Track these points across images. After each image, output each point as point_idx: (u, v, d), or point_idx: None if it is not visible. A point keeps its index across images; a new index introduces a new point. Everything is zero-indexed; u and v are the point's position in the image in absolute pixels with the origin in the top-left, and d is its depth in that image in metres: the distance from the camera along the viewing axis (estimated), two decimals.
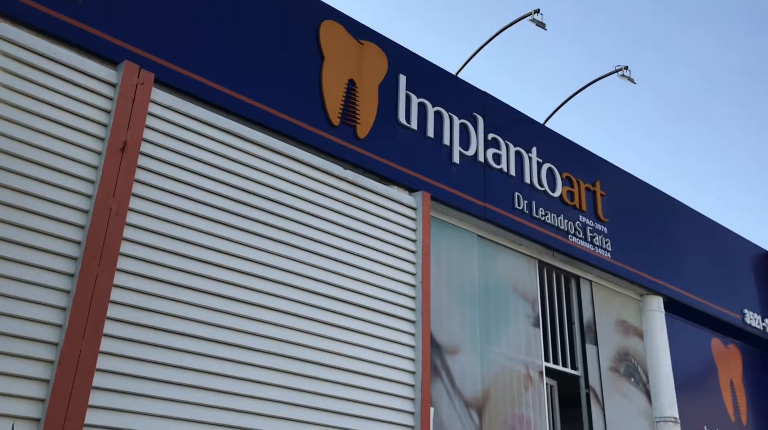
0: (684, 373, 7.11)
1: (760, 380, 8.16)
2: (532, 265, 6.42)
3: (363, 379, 4.50)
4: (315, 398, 4.18)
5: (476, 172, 6.02)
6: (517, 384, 5.82)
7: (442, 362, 5.34)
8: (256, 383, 3.90)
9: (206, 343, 3.75)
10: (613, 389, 6.50)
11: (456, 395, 5.32)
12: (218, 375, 3.73)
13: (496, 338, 5.83)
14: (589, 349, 6.53)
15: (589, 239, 6.69)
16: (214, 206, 4.09)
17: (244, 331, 3.95)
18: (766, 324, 8.34)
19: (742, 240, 8.74)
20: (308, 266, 4.47)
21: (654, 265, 7.24)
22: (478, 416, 5.40)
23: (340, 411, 4.28)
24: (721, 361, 7.75)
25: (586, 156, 7.16)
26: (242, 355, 3.90)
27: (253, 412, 3.82)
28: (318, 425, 4.10)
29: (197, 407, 3.57)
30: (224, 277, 3.98)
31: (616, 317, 6.92)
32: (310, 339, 4.29)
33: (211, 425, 3.60)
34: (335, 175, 4.88)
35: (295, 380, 4.11)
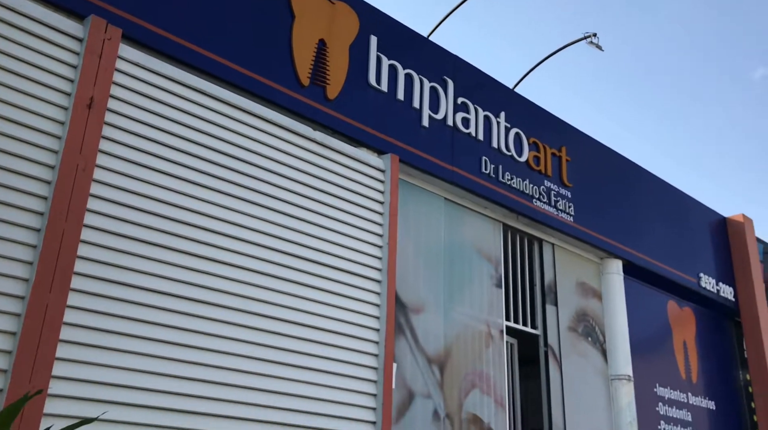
0: (640, 333, 7.39)
1: (711, 341, 8.52)
2: (496, 228, 6.57)
3: (329, 335, 4.62)
4: (280, 353, 4.29)
5: (445, 136, 6.10)
6: (479, 342, 6.02)
7: (406, 321, 5.50)
8: (222, 339, 4.00)
9: (173, 299, 3.82)
10: (571, 348, 6.75)
11: (419, 352, 5.50)
12: (185, 330, 3.81)
13: (460, 298, 6.00)
14: (549, 309, 6.75)
15: (553, 204, 6.85)
16: (181, 164, 4.12)
17: (211, 288, 4.03)
18: (720, 288, 8.67)
19: (701, 206, 9.01)
20: (275, 225, 4.54)
21: (615, 229, 7.46)
22: (440, 371, 5.59)
23: (306, 366, 4.41)
24: (676, 322, 8.07)
25: (553, 122, 7.27)
26: (209, 311, 3.98)
27: (218, 366, 3.92)
28: (282, 379, 4.23)
29: (163, 360, 3.67)
30: (191, 234, 4.04)
31: (576, 279, 7.15)
32: (276, 296, 4.39)
33: (176, 378, 3.70)
34: (304, 135, 4.92)
35: (260, 336, 4.22)
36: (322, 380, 4.48)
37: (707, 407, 7.99)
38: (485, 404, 5.86)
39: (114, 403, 3.39)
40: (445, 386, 5.58)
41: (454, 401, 5.60)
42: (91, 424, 3.16)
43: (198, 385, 3.77)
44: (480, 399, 5.82)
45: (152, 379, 3.57)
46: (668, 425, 7.37)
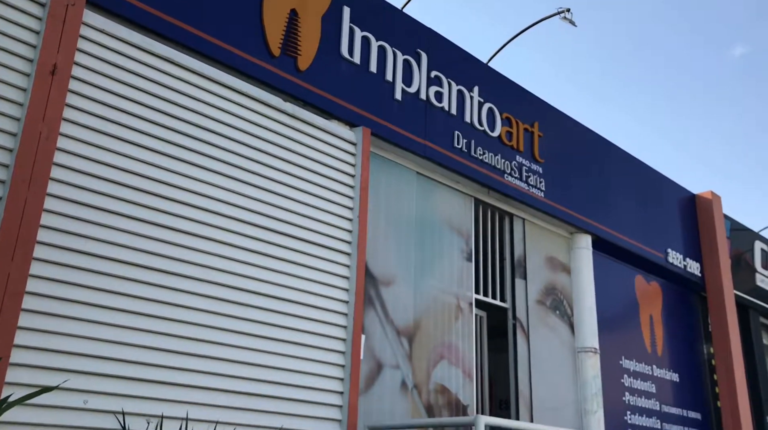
0: (607, 307, 7.53)
1: (677, 315, 8.71)
2: (468, 202, 6.61)
3: (297, 307, 4.65)
4: (248, 324, 4.31)
5: (417, 110, 6.09)
6: (448, 314, 6.09)
7: (376, 293, 5.54)
8: (188, 309, 4.00)
9: (137, 269, 3.81)
10: (539, 321, 6.86)
11: (388, 324, 5.56)
12: (149, 300, 3.81)
13: (430, 271, 6.05)
14: (518, 283, 6.84)
15: (524, 179, 6.90)
16: (148, 134, 4.08)
17: (177, 259, 4.02)
18: (687, 263, 8.84)
19: (671, 183, 9.14)
20: (243, 197, 4.52)
21: (585, 204, 7.54)
22: (409, 343, 5.66)
23: (274, 337, 4.43)
24: (643, 297, 8.23)
25: (527, 97, 7.29)
26: (175, 282, 3.98)
27: (185, 336, 3.93)
28: (249, 349, 4.25)
29: (127, 330, 3.66)
30: (157, 205, 4.01)
31: (545, 253, 7.24)
32: (244, 268, 4.39)
33: (140, 347, 3.70)
34: (274, 106, 4.88)
35: (227, 307, 4.23)
36: (291, 351, 4.51)
37: (671, 379, 8.20)
38: (453, 375, 5.95)
39: (77, 372, 3.39)
40: (414, 358, 5.65)
41: (423, 372, 5.68)
42: (53, 393, 3.18)
43: (163, 355, 3.78)
44: (448, 370, 5.91)
45: (115, 348, 3.57)
46: (633, 396, 7.56)
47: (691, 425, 8.23)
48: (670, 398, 8.05)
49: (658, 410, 7.82)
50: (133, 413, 3.51)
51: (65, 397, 3.32)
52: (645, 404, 7.66)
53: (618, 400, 7.35)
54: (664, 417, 7.86)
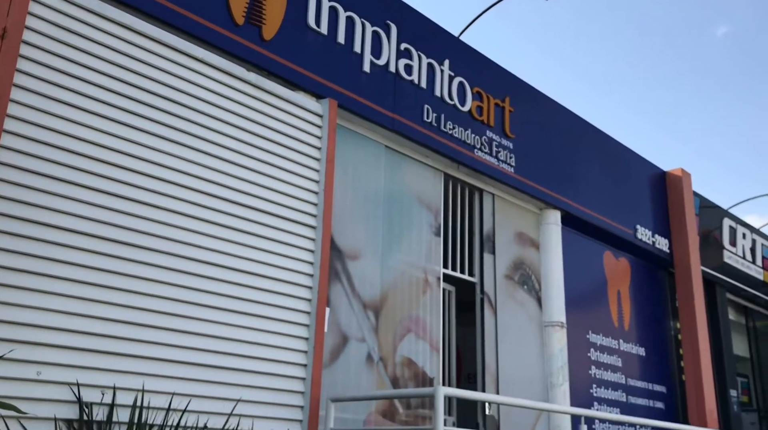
0: (575, 282, 7.60)
1: (645, 291, 8.82)
2: (437, 177, 6.59)
3: (261, 280, 4.61)
4: (210, 297, 4.26)
5: (386, 82, 6.03)
6: (416, 288, 6.10)
7: (343, 267, 5.52)
8: (146, 281, 3.94)
9: (91, 239, 3.73)
10: (507, 295, 6.90)
11: (355, 298, 5.55)
12: (104, 271, 3.74)
13: (398, 245, 6.04)
14: (487, 258, 6.86)
15: (494, 154, 6.90)
16: (104, 102, 3.98)
17: (134, 229, 3.95)
18: (656, 239, 8.93)
19: (642, 160, 9.20)
20: (205, 168, 4.45)
21: (555, 180, 7.57)
22: (375, 316, 5.66)
23: (235, 309, 4.39)
24: (611, 272, 8.31)
25: (498, 72, 7.26)
26: (132, 253, 3.91)
27: (142, 308, 3.88)
28: (211, 322, 4.21)
29: (81, 301, 3.60)
30: (113, 174, 3.93)
31: (515, 229, 7.26)
32: (206, 240, 4.34)
33: (96, 319, 3.64)
34: (237, 76, 4.80)
35: (189, 279, 4.18)
36: (253, 324, 4.48)
37: (637, 354, 8.32)
38: (420, 348, 5.98)
39: (29, 343, 3.33)
40: (380, 331, 5.66)
41: (389, 346, 5.69)
42: (5, 364, 3.12)
43: (118, 326, 3.72)
44: (415, 344, 5.93)
45: (69, 319, 3.52)
46: (599, 370, 7.67)
47: (657, 398, 8.38)
48: (635, 371, 8.18)
49: (624, 383, 7.94)
50: (87, 385, 3.46)
51: (18, 368, 3.26)
52: (611, 378, 7.78)
53: (584, 373, 7.45)
54: (629, 390, 7.99)
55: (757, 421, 10.69)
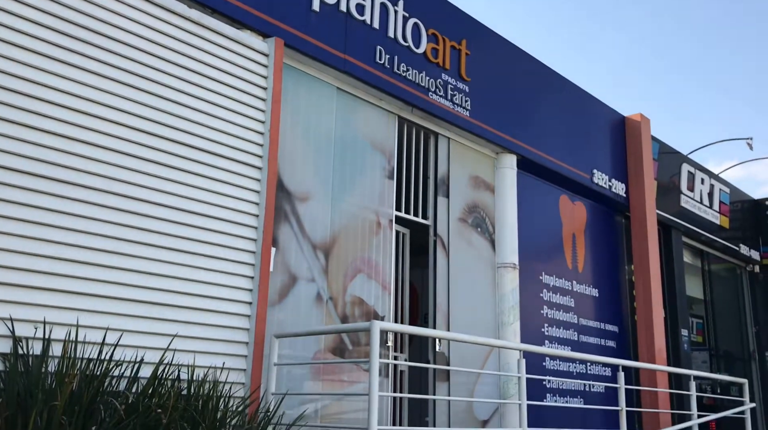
0: (529, 225, 7.72)
1: (600, 234, 8.99)
2: (391, 120, 6.59)
3: (205, 219, 4.65)
4: (152, 235, 4.30)
5: (337, 22, 5.96)
6: (369, 231, 6.17)
7: (292, 209, 5.56)
8: (86, 219, 3.96)
9: (27, 176, 3.73)
10: (460, 238, 7.01)
11: (304, 239, 5.61)
12: (40, 208, 3.75)
13: (350, 188, 6.08)
14: (441, 201, 6.94)
15: (449, 98, 6.89)
16: (41, 39, 3.91)
17: (75, 168, 3.94)
18: (613, 184, 9.06)
19: (601, 104, 9.25)
20: (147, 107, 4.42)
21: (511, 125, 7.60)
22: (325, 257, 5.74)
23: (179, 248, 4.43)
24: (567, 216, 8.45)
25: (455, 13, 7.19)
26: (70, 191, 3.91)
27: (84, 246, 3.90)
28: (152, 259, 4.25)
29: (15, 238, 3.62)
30: (54, 114, 3.89)
31: (470, 172, 7.32)
32: (149, 180, 4.35)
33: (30, 255, 3.66)
34: (178, 13, 4.72)
35: (131, 218, 4.20)
36: (197, 262, 4.53)
37: (591, 295, 8.55)
38: (371, 288, 6.09)
39: None
40: (330, 271, 5.75)
41: (339, 285, 5.79)
42: None
43: (53, 262, 3.75)
44: (365, 284, 6.03)
45: (2, 256, 3.54)
46: (551, 310, 7.87)
47: (608, 337, 8.65)
48: (588, 311, 8.42)
49: (576, 322, 8.18)
50: (21, 319, 3.51)
51: None
52: (563, 317, 8.00)
53: (536, 313, 7.65)
54: (581, 329, 8.23)
55: (708, 359, 11.10)
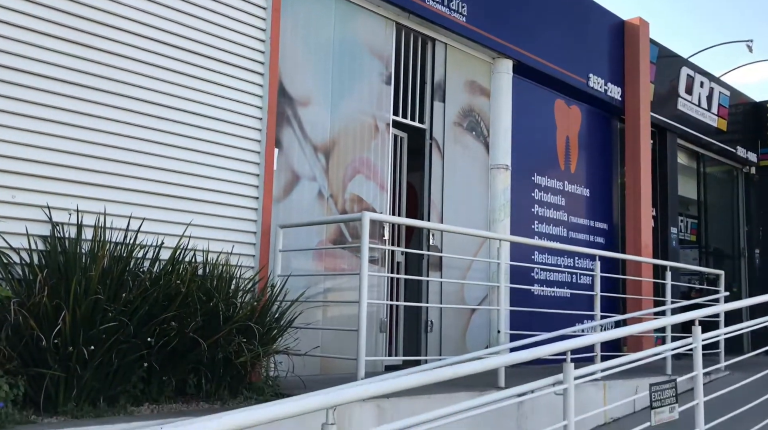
0: (523, 129, 8.09)
1: (594, 137, 9.35)
2: (389, 26, 6.89)
3: (213, 122, 5.10)
4: (167, 136, 4.77)
5: None
6: (367, 134, 6.62)
7: (293, 113, 6.01)
8: (109, 121, 4.45)
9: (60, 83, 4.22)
10: (455, 141, 7.45)
11: (306, 142, 6.09)
12: (72, 112, 4.25)
13: (348, 93, 6.49)
14: (437, 105, 7.32)
15: (445, 3, 7.13)
16: None
17: (99, 75, 4.40)
18: (608, 88, 9.33)
19: (600, 8, 9.37)
20: (155, 16, 4.80)
21: (508, 30, 7.84)
22: (326, 158, 6.24)
23: (191, 148, 4.92)
24: (561, 119, 8.80)
25: None
26: (96, 96, 4.39)
27: (108, 144, 4.42)
28: (168, 158, 4.77)
29: (51, 137, 4.14)
30: (78, 25, 4.31)
31: (466, 77, 7.65)
32: (161, 85, 4.78)
33: (64, 152, 4.19)
34: None
35: (148, 120, 4.66)
36: (208, 161, 5.03)
37: (582, 194, 9.02)
38: (370, 187, 6.61)
39: (5, 172, 3.91)
40: (330, 172, 6.26)
41: (338, 184, 6.31)
42: None
43: (83, 159, 4.29)
44: (364, 183, 6.55)
45: (40, 152, 4.07)
46: (542, 208, 8.38)
47: (597, 234, 9.19)
48: (579, 210, 8.92)
49: (566, 220, 8.70)
50: (56, 207, 4.08)
51: None
52: (553, 215, 8.52)
53: (527, 211, 8.17)
54: (570, 226, 8.77)
55: (698, 256, 11.67)
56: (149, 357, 3.94)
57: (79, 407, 3.62)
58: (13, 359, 3.41)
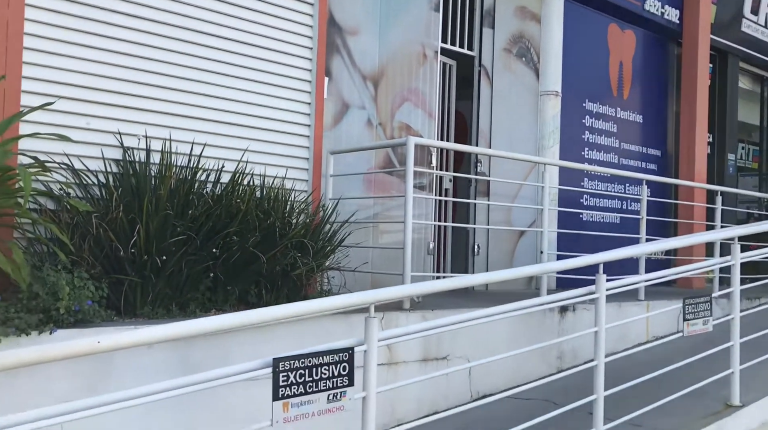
0: (575, 54, 8.04)
1: (649, 62, 9.17)
2: None
3: (268, 53, 5.36)
4: (223, 66, 5.07)
5: None
6: (416, 61, 6.75)
7: (343, 42, 6.19)
8: (171, 52, 4.75)
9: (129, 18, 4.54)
10: (504, 67, 7.49)
11: (355, 70, 6.29)
12: (139, 44, 4.57)
13: (397, 21, 6.60)
14: (486, 32, 7.35)
15: None
16: None
17: (162, 8, 4.69)
18: (666, 10, 9.07)
19: None
20: None
21: None
22: (374, 87, 6.43)
23: (251, 78, 5.21)
24: (615, 44, 8.66)
25: None
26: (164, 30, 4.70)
27: (173, 75, 4.75)
28: (226, 87, 5.07)
29: (120, 68, 4.49)
30: None
31: (516, 3, 7.62)
32: (218, 17, 5.04)
33: (133, 83, 4.54)
34: None
35: (207, 51, 4.94)
36: (265, 90, 5.31)
37: (634, 121, 8.95)
38: (418, 115, 6.79)
39: (80, 100, 4.30)
40: (379, 100, 6.46)
41: (387, 112, 6.52)
42: (61, 116, 4.11)
43: (150, 89, 4.64)
44: (412, 111, 6.73)
45: (112, 82, 4.43)
46: (592, 135, 8.39)
47: (649, 160, 9.14)
48: (630, 137, 8.87)
49: (617, 147, 8.69)
50: (126, 133, 4.47)
51: (72, 119, 4.26)
52: (604, 142, 8.51)
53: (577, 138, 8.20)
54: (622, 153, 8.75)
55: (758, 183, 11.43)
56: (214, 268, 4.35)
57: (154, 310, 4.08)
58: (96, 266, 3.86)
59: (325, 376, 2.63)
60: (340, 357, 2.67)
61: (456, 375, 4.94)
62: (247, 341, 3.89)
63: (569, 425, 3.92)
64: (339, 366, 2.67)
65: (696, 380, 4.67)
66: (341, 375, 2.67)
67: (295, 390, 2.55)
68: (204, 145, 4.69)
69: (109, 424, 3.37)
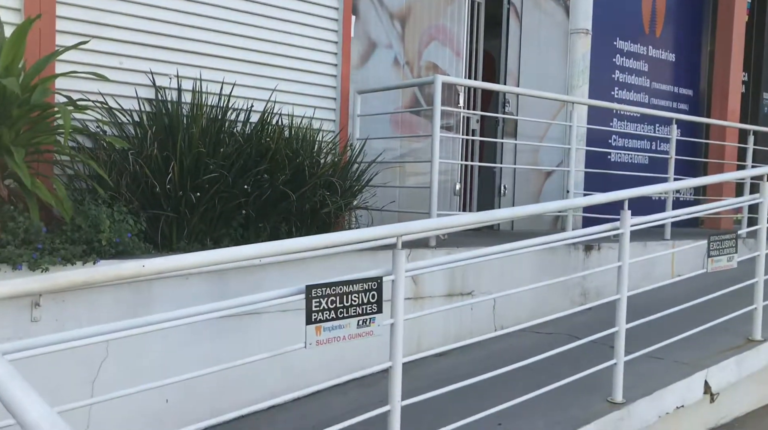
0: None
1: (684, 1, 8.91)
2: None
3: None
4: (260, 6, 5.09)
5: None
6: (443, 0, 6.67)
7: None
8: None
9: None
10: (533, 5, 7.35)
11: (382, 9, 6.24)
12: None
13: None
14: None
15: None
16: None
17: None
18: None
19: None
20: None
21: None
22: (401, 25, 6.39)
23: (278, 17, 5.22)
24: None
25: None
26: None
27: (203, 15, 4.78)
28: (254, 26, 5.10)
29: (152, 8, 4.54)
30: None
31: None
32: None
33: (165, 22, 4.59)
34: None
35: None
36: (292, 29, 5.32)
37: (667, 59, 8.76)
38: (445, 54, 6.75)
39: (113, 40, 4.37)
40: (406, 38, 6.42)
41: (414, 51, 6.49)
42: (95, 56, 4.19)
43: (181, 28, 4.69)
44: (440, 50, 6.69)
45: (144, 22, 4.48)
46: (623, 74, 8.25)
47: (681, 101, 8.98)
48: (662, 76, 8.70)
49: (648, 86, 8.54)
50: (158, 73, 4.55)
51: (105, 59, 4.34)
52: (635, 81, 8.37)
53: (607, 77, 8.08)
54: (653, 93, 8.61)
55: None
56: (246, 206, 4.47)
57: (189, 244, 4.23)
58: (134, 202, 4.00)
59: (356, 303, 2.75)
60: (369, 285, 2.79)
61: (481, 311, 5.08)
62: (277, 275, 4.05)
63: (591, 358, 4.04)
64: (368, 294, 2.79)
65: (718, 316, 4.74)
66: (370, 302, 2.80)
67: (327, 316, 2.69)
68: (233, 84, 4.76)
69: (153, 350, 3.58)
